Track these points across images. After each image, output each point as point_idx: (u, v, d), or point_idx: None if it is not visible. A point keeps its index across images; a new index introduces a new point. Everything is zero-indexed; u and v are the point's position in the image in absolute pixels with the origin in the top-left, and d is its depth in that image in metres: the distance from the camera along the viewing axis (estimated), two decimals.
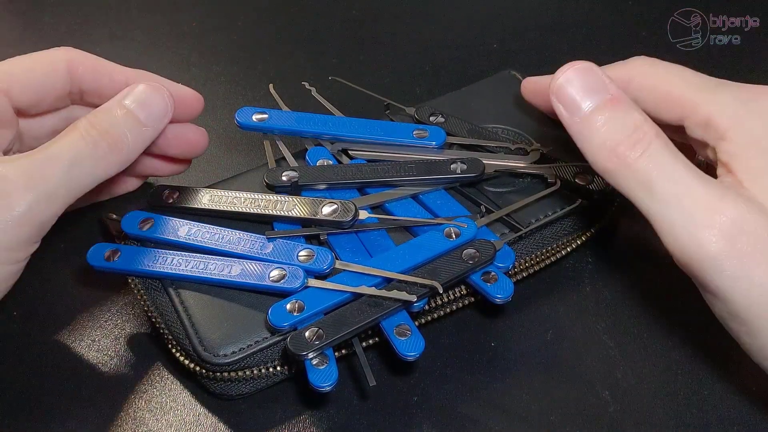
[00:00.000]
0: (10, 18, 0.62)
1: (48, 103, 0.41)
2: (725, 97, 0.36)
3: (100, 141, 0.36)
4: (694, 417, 0.38)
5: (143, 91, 0.39)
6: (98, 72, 0.41)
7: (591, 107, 0.33)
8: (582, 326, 0.41)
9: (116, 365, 0.41)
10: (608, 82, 0.34)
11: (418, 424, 0.38)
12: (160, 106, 0.39)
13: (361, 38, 0.60)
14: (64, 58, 0.41)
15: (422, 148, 0.44)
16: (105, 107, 0.38)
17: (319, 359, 0.35)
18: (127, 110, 0.38)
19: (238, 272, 0.38)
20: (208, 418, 0.38)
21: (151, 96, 0.39)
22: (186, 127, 0.43)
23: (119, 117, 0.38)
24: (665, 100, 0.38)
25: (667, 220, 0.32)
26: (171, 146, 0.43)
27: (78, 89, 0.41)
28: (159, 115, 0.39)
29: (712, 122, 0.36)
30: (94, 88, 0.41)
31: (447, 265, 0.38)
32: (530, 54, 0.58)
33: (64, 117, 0.43)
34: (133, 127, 0.38)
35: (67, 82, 0.41)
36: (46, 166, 0.35)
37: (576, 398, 0.38)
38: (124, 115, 0.38)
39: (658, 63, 0.39)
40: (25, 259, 0.36)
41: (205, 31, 0.60)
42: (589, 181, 0.42)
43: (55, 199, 0.35)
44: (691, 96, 0.37)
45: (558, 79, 0.34)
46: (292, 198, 0.40)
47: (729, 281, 0.31)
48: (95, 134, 0.36)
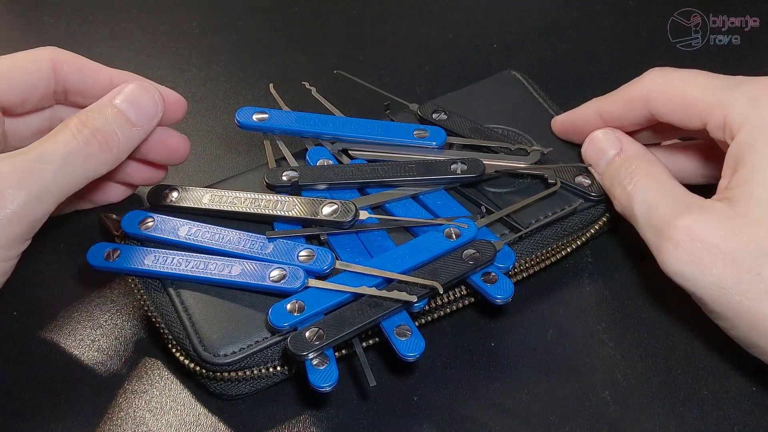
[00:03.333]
0: (10, 18, 0.62)
1: (33, 103, 0.41)
2: (738, 96, 0.37)
3: (91, 140, 0.36)
4: (694, 417, 0.38)
5: (133, 90, 0.39)
6: (83, 71, 0.41)
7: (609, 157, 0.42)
8: (582, 326, 0.41)
9: (116, 365, 0.41)
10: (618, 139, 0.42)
11: (418, 424, 0.38)
12: (150, 106, 0.39)
13: (361, 38, 0.60)
14: (49, 58, 0.40)
15: (422, 148, 0.44)
16: (96, 106, 0.38)
17: (320, 359, 0.35)
18: (117, 109, 0.38)
19: (239, 272, 0.38)
20: (208, 418, 0.38)
21: (142, 95, 0.39)
22: (168, 133, 0.43)
23: (110, 116, 0.38)
24: (684, 109, 0.39)
25: (644, 237, 0.38)
26: (152, 151, 0.43)
27: (62, 88, 0.41)
28: (149, 114, 0.39)
29: (727, 121, 0.37)
30: (79, 87, 0.41)
31: (447, 266, 0.38)
32: (530, 54, 0.58)
33: (48, 117, 0.43)
34: (123, 127, 0.38)
35: (52, 81, 0.41)
36: (38, 164, 0.35)
37: (576, 398, 0.38)
38: (114, 114, 0.38)
39: (671, 73, 0.40)
40: (17, 257, 0.36)
41: (205, 31, 0.60)
42: (589, 182, 0.42)
43: (47, 197, 0.35)
44: (706, 99, 0.38)
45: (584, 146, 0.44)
46: (292, 198, 0.40)
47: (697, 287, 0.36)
48: (87, 133, 0.36)
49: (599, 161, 0.42)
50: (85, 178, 0.37)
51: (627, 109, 0.42)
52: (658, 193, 0.38)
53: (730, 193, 0.36)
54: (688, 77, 0.39)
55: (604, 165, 0.42)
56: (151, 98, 0.39)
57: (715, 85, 0.38)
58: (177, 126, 0.44)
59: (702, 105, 0.38)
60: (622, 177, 0.40)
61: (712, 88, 0.38)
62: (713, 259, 0.35)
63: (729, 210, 0.35)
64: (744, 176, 0.36)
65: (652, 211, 0.38)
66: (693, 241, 0.35)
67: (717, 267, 0.35)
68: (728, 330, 0.36)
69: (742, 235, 0.35)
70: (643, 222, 0.38)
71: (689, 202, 0.37)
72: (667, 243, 0.36)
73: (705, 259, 0.35)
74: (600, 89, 0.44)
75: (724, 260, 0.34)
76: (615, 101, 0.42)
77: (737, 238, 0.35)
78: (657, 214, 0.37)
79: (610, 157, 0.41)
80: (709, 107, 0.38)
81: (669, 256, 0.36)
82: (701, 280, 0.35)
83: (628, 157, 0.41)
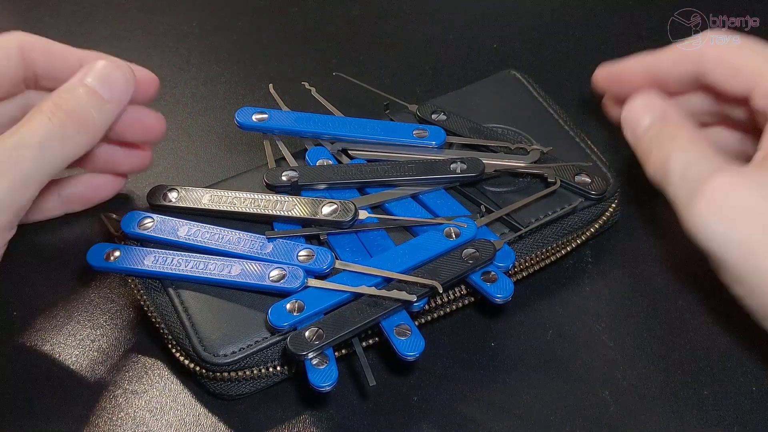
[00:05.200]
0: (10, 18, 0.62)
1: (3, 91, 0.41)
2: None
3: (66, 121, 0.36)
4: (694, 417, 0.38)
5: (104, 67, 0.39)
6: (51, 55, 0.41)
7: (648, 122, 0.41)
8: (582, 326, 0.41)
9: (116, 365, 0.41)
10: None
11: (418, 424, 0.38)
12: (121, 81, 0.39)
13: (361, 38, 0.60)
14: (16, 43, 0.40)
15: (422, 147, 0.44)
16: (67, 86, 0.38)
17: (319, 359, 0.35)
18: (89, 88, 0.38)
19: (238, 272, 0.38)
20: (208, 418, 0.38)
21: (112, 71, 0.39)
22: (142, 111, 0.43)
23: (82, 95, 0.38)
24: (733, 72, 0.39)
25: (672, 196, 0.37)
26: (128, 131, 0.43)
27: (32, 74, 0.41)
28: (121, 89, 0.39)
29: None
30: (49, 71, 0.41)
31: (447, 265, 0.38)
32: (530, 54, 0.58)
33: (20, 105, 0.43)
34: (97, 105, 0.38)
35: (21, 67, 0.41)
36: (17, 151, 0.35)
37: (576, 398, 0.38)
38: (87, 93, 0.38)
39: (728, 36, 0.40)
40: (3, 246, 0.36)
41: (206, 31, 0.60)
42: (589, 181, 0.42)
43: (29, 183, 0.35)
44: (758, 64, 0.38)
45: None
46: (292, 198, 0.40)
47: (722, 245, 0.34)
48: (61, 115, 0.36)
49: (639, 124, 0.40)
50: (65, 159, 0.37)
51: (676, 65, 0.41)
52: (698, 153, 0.37)
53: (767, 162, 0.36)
54: (744, 42, 0.39)
55: (644, 127, 0.40)
56: (121, 73, 0.39)
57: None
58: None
59: (753, 69, 0.38)
60: (662, 138, 0.39)
61: (765, 55, 0.38)
62: (744, 218, 0.34)
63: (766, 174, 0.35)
64: None
65: (689, 167, 0.37)
66: (726, 198, 0.34)
67: (747, 225, 0.34)
68: (744, 297, 0.35)
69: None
70: (676, 179, 0.37)
71: (727, 164, 0.36)
72: (700, 199, 0.35)
73: (736, 216, 0.34)
74: None
75: (756, 221, 0.34)
76: (666, 56, 0.42)
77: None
78: (693, 170, 0.36)
79: (651, 120, 0.40)
80: (761, 73, 0.38)
81: (699, 211, 0.35)
82: (728, 238, 0.34)
83: (672, 121, 0.40)
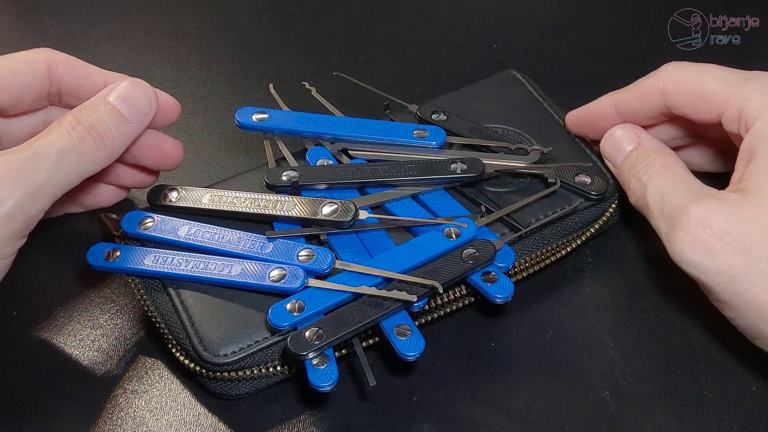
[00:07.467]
0: (10, 18, 0.62)
1: (27, 104, 0.41)
2: (755, 88, 0.37)
3: (86, 136, 0.37)
4: (694, 417, 0.38)
5: (127, 86, 0.39)
6: (77, 73, 0.41)
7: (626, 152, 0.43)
8: (582, 326, 0.41)
9: (116, 365, 0.41)
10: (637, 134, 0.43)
11: (418, 424, 0.38)
12: (143, 102, 0.39)
13: (361, 38, 0.60)
14: (44, 59, 0.41)
15: (422, 148, 0.44)
16: (90, 103, 0.38)
17: (319, 359, 0.35)
18: (111, 106, 0.38)
19: (238, 272, 0.38)
20: (208, 418, 0.38)
21: (135, 92, 0.39)
22: (162, 137, 0.43)
23: (104, 113, 0.38)
24: (700, 101, 0.39)
25: (655, 226, 0.39)
26: (145, 156, 0.43)
27: (57, 90, 0.42)
28: (143, 110, 0.39)
29: (743, 113, 0.37)
30: (73, 88, 0.42)
31: (447, 265, 0.38)
32: (530, 54, 0.58)
33: (41, 119, 0.43)
34: (117, 123, 0.38)
35: (46, 83, 0.41)
36: (34, 161, 0.35)
37: (576, 398, 0.38)
38: (108, 111, 0.38)
39: (688, 66, 0.41)
40: (13, 254, 0.36)
41: (205, 31, 0.60)
42: (589, 181, 0.42)
43: (43, 194, 0.35)
44: (722, 91, 0.38)
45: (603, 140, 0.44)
46: (292, 198, 0.40)
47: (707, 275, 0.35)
48: (81, 130, 0.37)
49: (617, 155, 0.42)
50: (80, 174, 0.37)
51: (643, 101, 0.42)
52: (673, 183, 0.38)
53: (743, 185, 0.36)
54: (705, 70, 0.40)
55: (621, 158, 0.42)
56: (144, 94, 0.40)
57: (732, 78, 0.38)
58: (176, 125, 0.44)
59: (718, 97, 0.38)
60: (638, 169, 0.40)
61: (728, 80, 0.38)
62: (724, 247, 0.35)
63: (742, 200, 0.35)
64: (758, 167, 0.36)
65: (665, 199, 0.38)
66: (704, 228, 0.35)
67: (727, 255, 0.34)
68: (735, 320, 0.36)
69: (754, 223, 0.35)
70: (656, 211, 0.38)
71: (703, 191, 0.37)
72: (679, 230, 0.36)
73: (716, 246, 0.35)
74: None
75: (735, 248, 0.34)
76: (631, 93, 0.42)
77: (749, 227, 0.35)
78: (670, 202, 0.37)
79: (627, 151, 0.42)
80: (726, 99, 0.38)
81: (680, 243, 0.36)
82: (711, 268, 0.35)
83: (646, 150, 0.41)
